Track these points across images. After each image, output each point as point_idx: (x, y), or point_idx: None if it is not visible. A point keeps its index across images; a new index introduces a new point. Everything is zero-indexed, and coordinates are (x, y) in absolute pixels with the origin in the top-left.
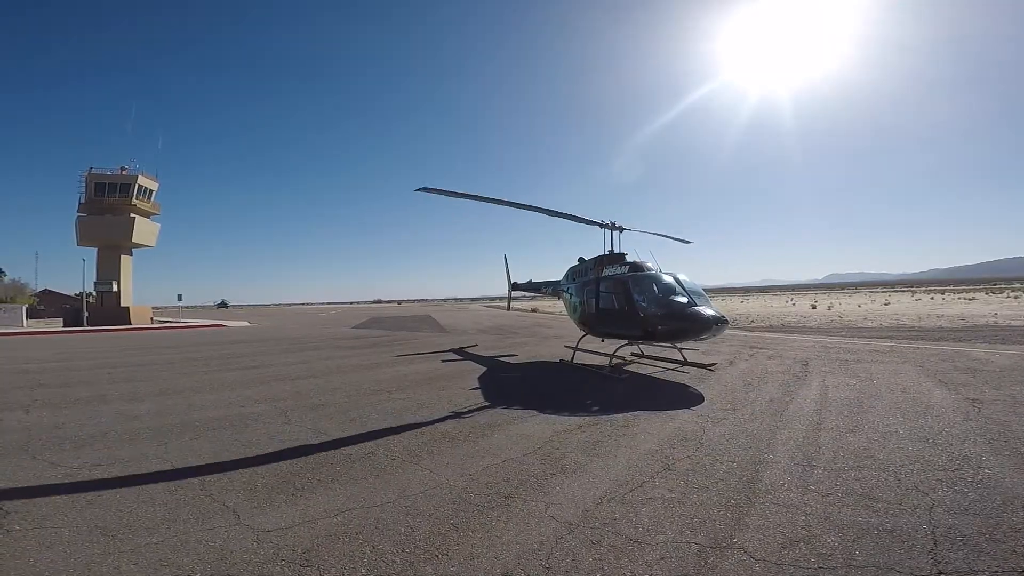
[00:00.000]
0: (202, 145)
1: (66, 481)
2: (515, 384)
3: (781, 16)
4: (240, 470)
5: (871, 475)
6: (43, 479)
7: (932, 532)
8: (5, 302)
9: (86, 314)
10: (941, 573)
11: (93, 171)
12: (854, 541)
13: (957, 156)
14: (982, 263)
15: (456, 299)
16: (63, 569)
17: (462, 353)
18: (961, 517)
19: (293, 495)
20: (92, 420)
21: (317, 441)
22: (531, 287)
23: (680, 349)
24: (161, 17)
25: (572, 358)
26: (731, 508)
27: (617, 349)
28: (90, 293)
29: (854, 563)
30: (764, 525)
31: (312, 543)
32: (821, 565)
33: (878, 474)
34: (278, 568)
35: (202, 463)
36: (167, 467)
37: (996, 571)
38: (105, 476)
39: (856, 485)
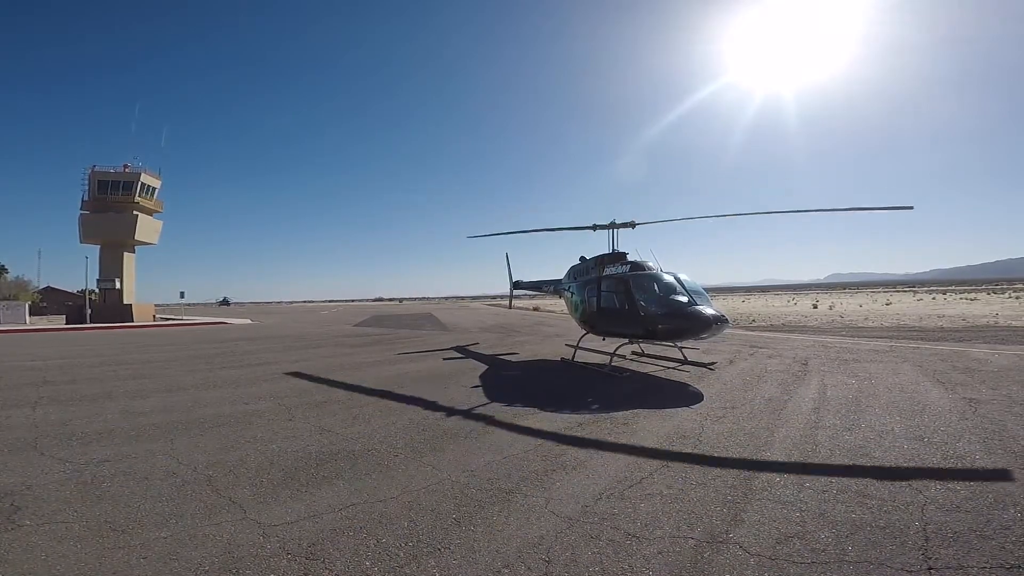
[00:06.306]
0: (205, 143)
1: (74, 477)
2: (516, 382)
3: (782, 16)
4: (245, 466)
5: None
6: (52, 475)
7: (924, 529)
8: (8, 299)
9: (89, 311)
10: (931, 568)
11: (96, 169)
12: (847, 537)
13: (961, 157)
14: (984, 263)
15: (458, 297)
16: (74, 563)
17: (464, 351)
18: (952, 514)
19: (298, 490)
20: (99, 417)
21: (321, 438)
22: (533, 286)
23: (680, 348)
24: (163, 14)
25: (573, 357)
26: (728, 504)
27: (618, 348)
28: (93, 290)
29: (846, 558)
30: (760, 521)
31: (317, 537)
32: (814, 560)
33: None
34: (284, 561)
35: (208, 459)
36: (174, 463)
37: (985, 567)
38: (113, 472)
39: (851, 482)
